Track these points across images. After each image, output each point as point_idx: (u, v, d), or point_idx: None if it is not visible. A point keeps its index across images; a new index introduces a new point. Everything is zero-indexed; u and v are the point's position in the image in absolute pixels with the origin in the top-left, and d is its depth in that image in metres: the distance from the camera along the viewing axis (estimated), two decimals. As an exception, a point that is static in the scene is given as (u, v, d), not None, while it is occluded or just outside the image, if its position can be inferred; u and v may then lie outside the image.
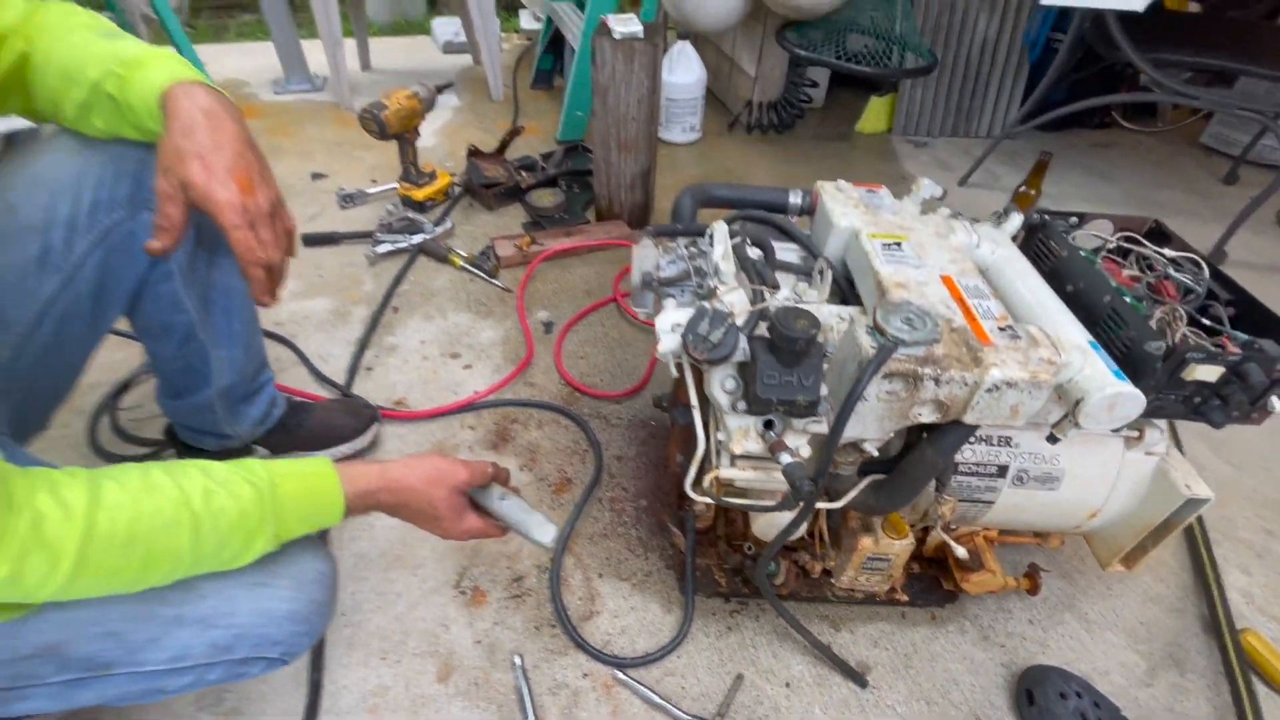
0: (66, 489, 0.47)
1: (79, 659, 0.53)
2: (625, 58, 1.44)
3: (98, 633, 0.53)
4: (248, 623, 0.57)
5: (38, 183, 0.66)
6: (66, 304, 0.69)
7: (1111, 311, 0.72)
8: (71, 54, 0.63)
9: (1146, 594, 0.97)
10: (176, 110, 0.60)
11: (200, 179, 0.58)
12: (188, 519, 0.51)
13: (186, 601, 0.56)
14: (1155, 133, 2.52)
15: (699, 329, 0.65)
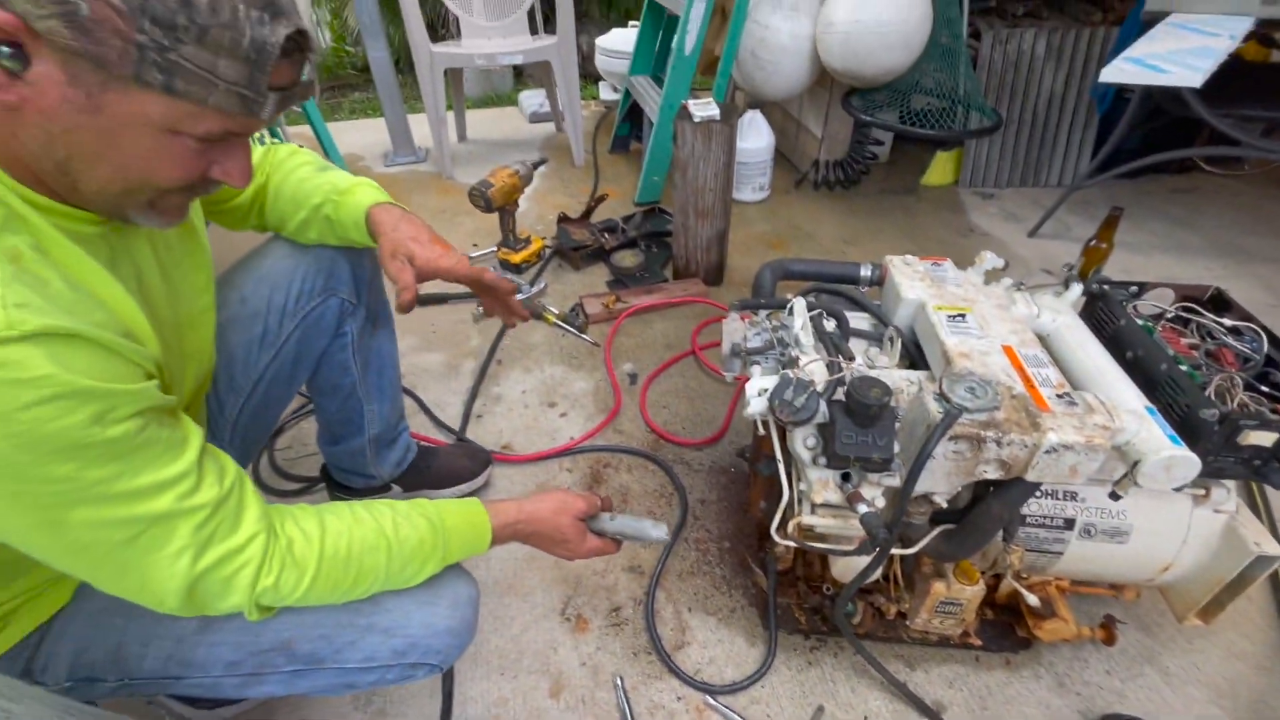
0: (304, 520, 0.63)
1: (302, 654, 0.67)
2: (704, 137, 1.60)
3: (315, 634, 0.67)
4: (417, 634, 0.69)
5: (262, 279, 0.88)
6: (275, 371, 0.90)
7: (1169, 379, 0.79)
8: (299, 186, 0.86)
9: (1231, 650, 0.98)
10: (380, 220, 0.82)
11: (420, 250, 0.81)
12: (384, 544, 0.66)
13: (375, 614, 0.69)
14: (1241, 176, 2.47)
15: (784, 395, 0.76)
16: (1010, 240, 2.11)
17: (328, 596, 0.64)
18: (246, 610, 0.59)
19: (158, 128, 0.48)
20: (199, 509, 0.53)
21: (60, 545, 0.50)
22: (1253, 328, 0.85)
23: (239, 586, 0.57)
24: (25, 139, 0.47)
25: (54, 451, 0.45)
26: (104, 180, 0.50)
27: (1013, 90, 2.30)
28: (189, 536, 0.53)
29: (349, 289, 0.93)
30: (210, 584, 0.55)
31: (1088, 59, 2.25)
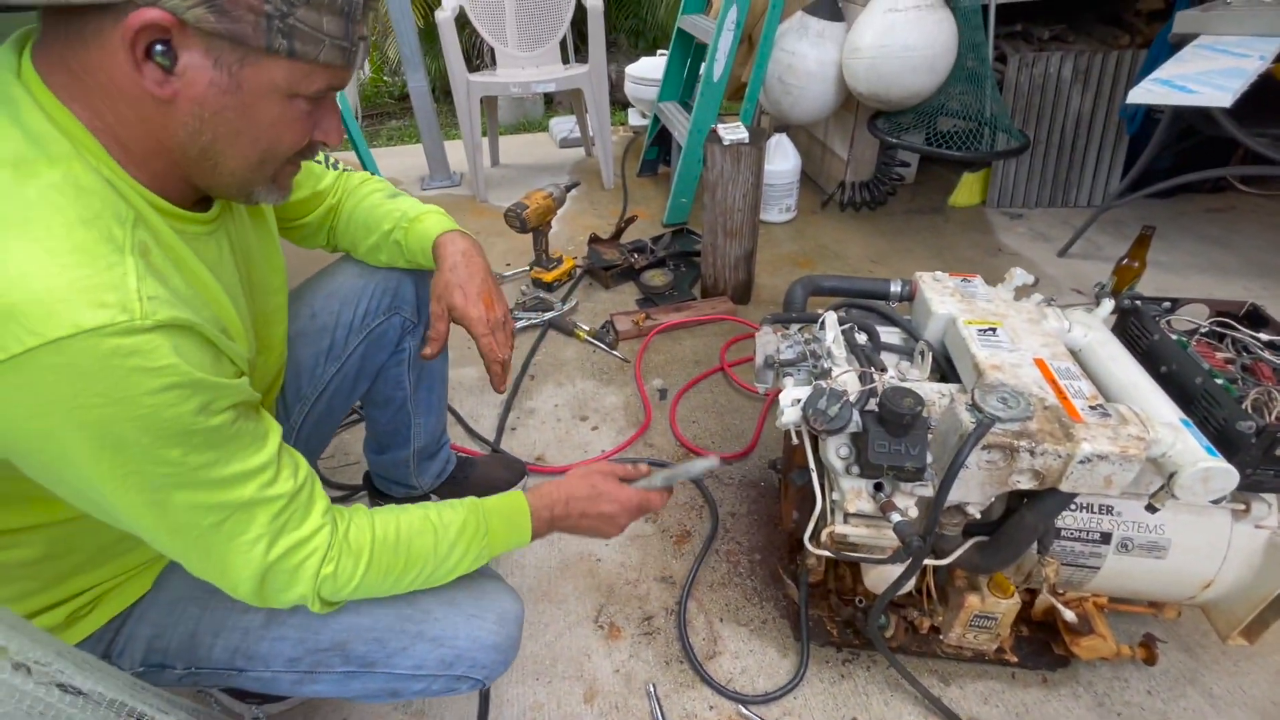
0: (356, 514, 0.67)
1: (356, 656, 0.69)
2: (733, 160, 1.65)
3: (369, 637, 0.69)
4: (465, 646, 0.71)
5: (332, 296, 0.93)
6: (339, 383, 0.95)
7: (1204, 392, 0.79)
8: (371, 212, 0.90)
9: (1279, 671, 0.96)
10: (444, 254, 0.86)
11: (460, 303, 0.83)
12: (429, 527, 0.69)
13: (425, 622, 0.71)
14: (1277, 196, 2.43)
15: (818, 404, 0.78)
16: (1040, 260, 2.11)
17: (380, 584, 0.67)
18: (310, 600, 0.62)
19: (283, 93, 0.52)
20: (276, 499, 0.57)
21: (162, 525, 0.54)
22: (1290, 342, 0.85)
23: (304, 576, 0.60)
24: (175, 129, 0.51)
25: (167, 436, 0.49)
26: (242, 156, 0.55)
27: (1040, 112, 2.31)
28: (265, 525, 0.57)
29: (411, 308, 0.97)
30: (279, 574, 0.59)
31: (1115, 81, 2.25)
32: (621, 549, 1.19)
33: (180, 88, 0.49)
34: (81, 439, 0.47)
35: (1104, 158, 2.38)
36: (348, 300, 0.92)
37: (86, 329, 0.44)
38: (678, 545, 1.20)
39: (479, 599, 0.74)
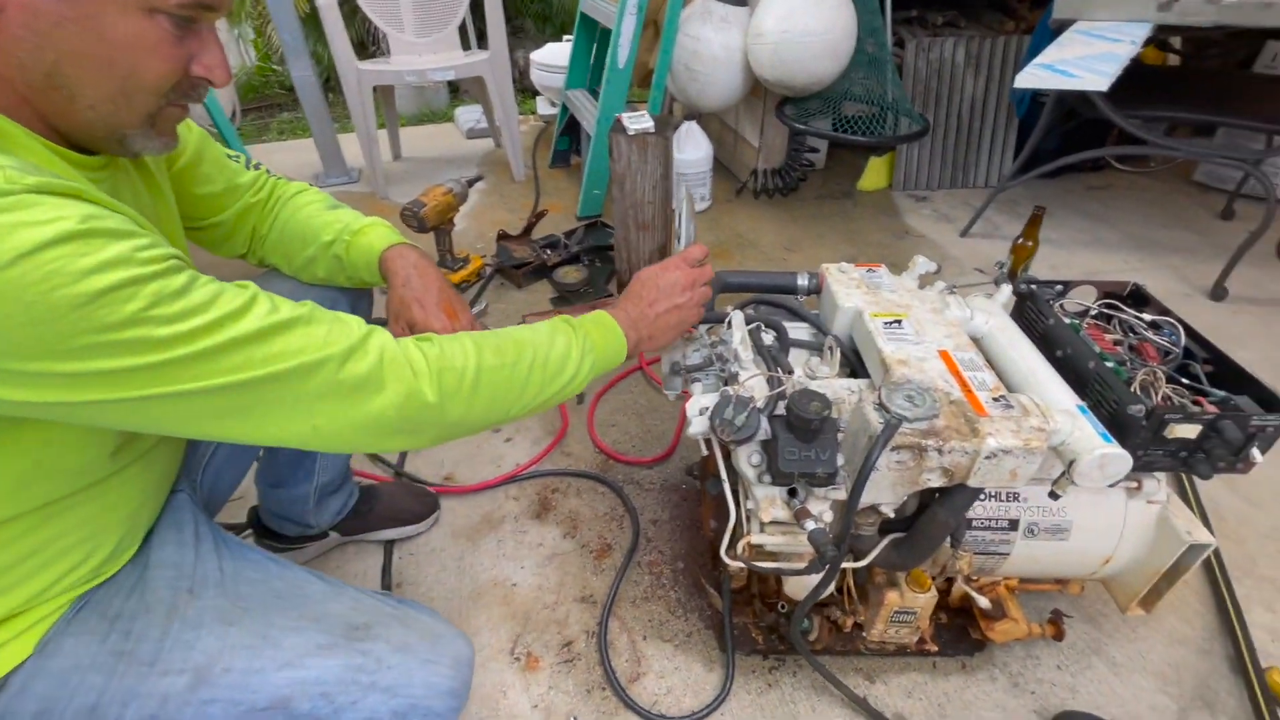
0: (432, 337, 0.63)
1: (301, 714, 0.62)
2: (639, 150, 1.59)
3: (315, 693, 0.62)
4: (420, 694, 0.65)
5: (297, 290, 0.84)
6: None
7: (1096, 376, 0.80)
8: (307, 223, 0.83)
9: (1172, 635, 1.01)
10: (394, 269, 0.81)
11: (420, 317, 0.79)
12: (514, 329, 0.68)
13: (378, 672, 0.64)
14: (1149, 172, 2.62)
15: (724, 414, 0.74)
16: (943, 241, 2.17)
17: (501, 369, 0.63)
18: (428, 380, 0.57)
19: (138, 6, 0.47)
20: (295, 320, 0.53)
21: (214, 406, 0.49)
22: (1170, 321, 0.88)
23: (397, 359, 0.57)
24: (14, 49, 0.46)
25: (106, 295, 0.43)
26: (97, 85, 0.49)
27: (937, 96, 2.38)
28: (308, 343, 0.52)
29: None
30: (363, 370, 0.55)
31: (1004, 65, 2.35)
32: (538, 571, 1.12)
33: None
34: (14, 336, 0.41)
35: (998, 140, 2.48)
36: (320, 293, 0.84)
37: None
38: (598, 560, 1.14)
39: (433, 644, 0.68)
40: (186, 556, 0.68)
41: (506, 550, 1.16)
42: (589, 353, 0.72)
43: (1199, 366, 0.82)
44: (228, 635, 0.62)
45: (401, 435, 0.59)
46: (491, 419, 0.65)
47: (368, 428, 0.56)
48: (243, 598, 0.66)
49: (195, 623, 0.63)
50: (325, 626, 0.65)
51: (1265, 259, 2.00)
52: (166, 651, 0.61)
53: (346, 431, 0.55)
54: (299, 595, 0.68)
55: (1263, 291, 1.86)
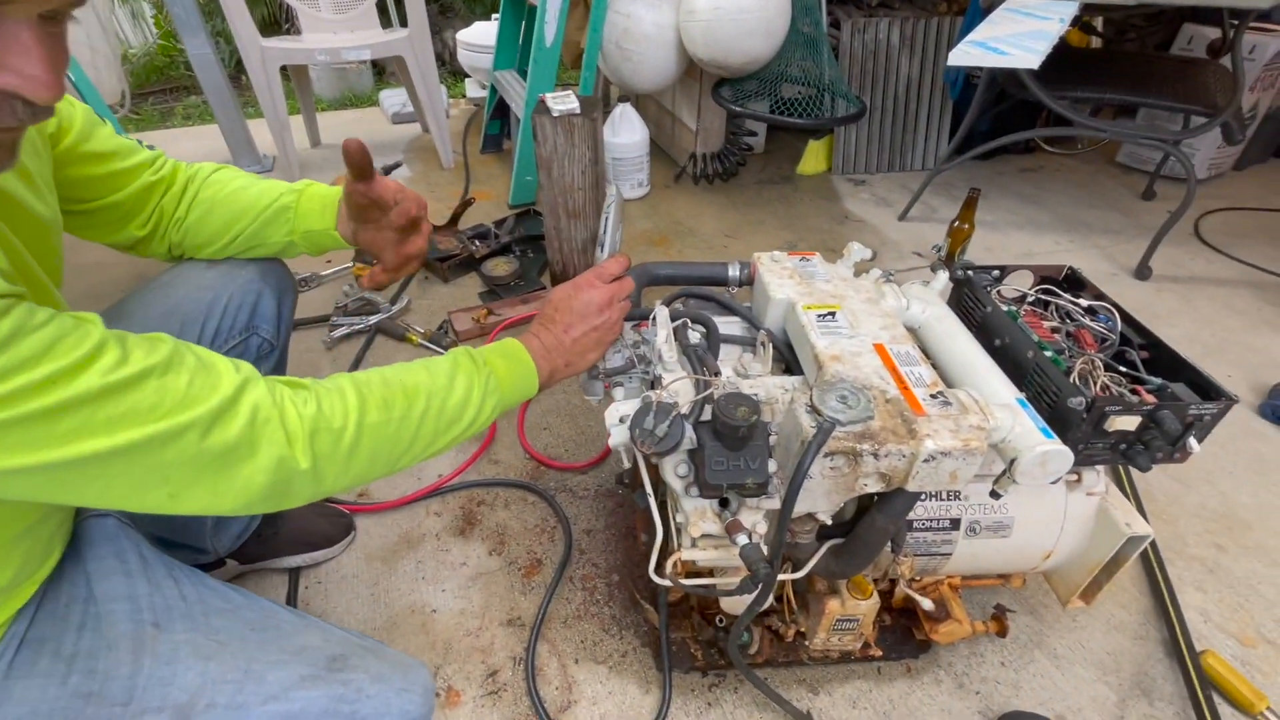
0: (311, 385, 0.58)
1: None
2: (566, 133, 1.49)
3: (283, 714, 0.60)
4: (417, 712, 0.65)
5: (171, 314, 0.77)
6: None
7: (1035, 367, 0.76)
8: (243, 193, 0.79)
9: (1110, 622, 1.00)
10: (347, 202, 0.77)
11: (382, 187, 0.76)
12: (412, 366, 0.65)
13: (359, 701, 0.62)
14: (1076, 154, 2.68)
15: (645, 424, 0.67)
16: (882, 225, 2.15)
17: (387, 425, 0.59)
18: (299, 448, 0.53)
19: None
20: (150, 370, 0.47)
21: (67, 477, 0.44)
22: (1106, 306, 0.85)
23: (270, 422, 0.52)
24: None
25: None
26: None
27: (874, 78, 2.36)
28: (160, 400, 0.46)
29: (271, 326, 0.84)
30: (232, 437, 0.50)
31: (938, 46, 2.34)
32: (461, 593, 1.03)
33: None
34: None
35: (933, 122, 2.48)
36: (192, 318, 0.77)
37: None
38: (527, 577, 1.06)
39: (405, 674, 0.67)
40: (138, 586, 0.65)
41: (426, 572, 1.06)
42: (492, 394, 0.68)
43: (1135, 353, 0.80)
44: (207, 670, 0.60)
45: (269, 501, 0.54)
46: (372, 476, 0.61)
47: (233, 495, 0.52)
48: (216, 630, 0.64)
49: (169, 658, 0.60)
50: (307, 659, 0.64)
51: (1185, 238, 2.07)
52: (140, 690, 0.58)
53: (207, 499, 0.51)
54: (273, 627, 0.67)
55: (1184, 270, 1.92)
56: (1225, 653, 0.95)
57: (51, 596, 0.62)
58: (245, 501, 0.52)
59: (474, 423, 0.67)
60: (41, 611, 0.61)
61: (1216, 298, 1.79)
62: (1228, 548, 1.11)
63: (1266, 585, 1.05)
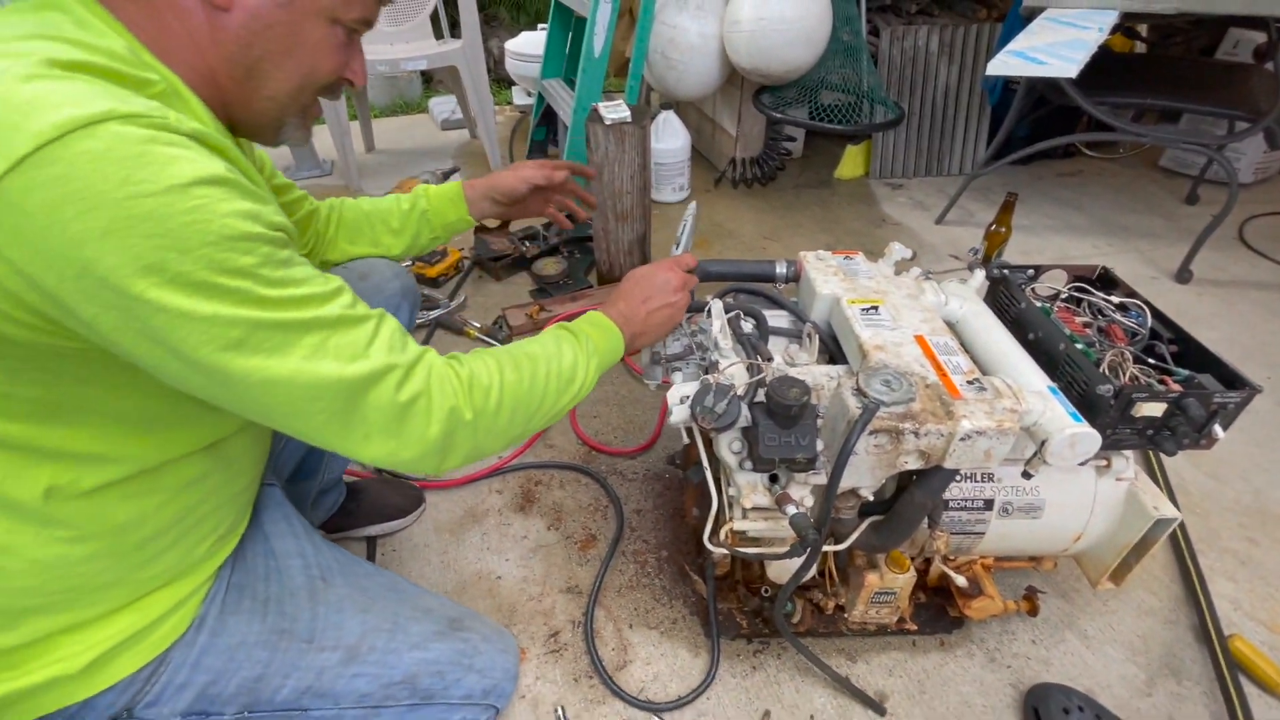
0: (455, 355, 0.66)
1: (422, 688, 0.74)
2: (617, 140, 1.58)
3: (433, 671, 0.74)
4: (499, 677, 0.79)
5: (374, 295, 0.91)
6: None
7: (1067, 358, 0.82)
8: (378, 204, 0.97)
9: (1141, 607, 1.04)
10: (472, 186, 1.00)
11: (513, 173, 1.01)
12: (522, 343, 0.72)
13: (475, 655, 0.77)
14: (1117, 159, 2.67)
15: (705, 402, 0.74)
16: (919, 229, 2.20)
17: (520, 386, 0.66)
18: (463, 406, 0.59)
19: (327, 16, 0.56)
20: (369, 316, 0.55)
21: (268, 374, 0.49)
22: (1137, 303, 0.90)
23: (447, 380, 0.59)
24: (225, 42, 0.53)
25: (228, 238, 0.45)
26: (286, 77, 0.58)
27: (912, 84, 2.40)
28: (373, 341, 0.54)
29: None
30: (419, 387, 0.56)
31: (977, 53, 2.37)
32: (523, 563, 1.12)
33: None
34: (138, 247, 0.42)
35: (970, 127, 2.51)
36: (387, 303, 0.91)
37: (121, 114, 0.42)
38: (583, 551, 1.15)
39: (502, 637, 0.83)
40: (306, 547, 0.76)
41: (491, 543, 1.16)
42: (593, 355, 0.75)
43: (1164, 347, 0.85)
44: (366, 620, 0.73)
45: (436, 455, 0.59)
46: (512, 435, 0.67)
47: (411, 444, 0.57)
48: (366, 589, 0.76)
49: (337, 606, 0.72)
50: (434, 618, 0.77)
51: (1228, 242, 2.06)
52: (320, 631, 0.70)
53: (391, 445, 0.56)
54: (403, 590, 0.80)
55: (1225, 274, 1.92)
56: (1254, 638, 0.98)
57: (242, 550, 0.73)
58: (420, 452, 0.57)
59: (584, 383, 0.73)
60: (239, 561, 0.72)
61: (1259, 301, 1.79)
62: (1260, 541, 1.14)
63: (1299, 579, 1.08)
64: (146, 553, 0.60)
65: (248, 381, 0.48)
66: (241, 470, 0.70)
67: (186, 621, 0.65)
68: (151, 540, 0.60)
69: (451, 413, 0.58)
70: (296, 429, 0.54)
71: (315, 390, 0.51)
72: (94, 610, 0.58)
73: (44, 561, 0.54)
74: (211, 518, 0.67)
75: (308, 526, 0.80)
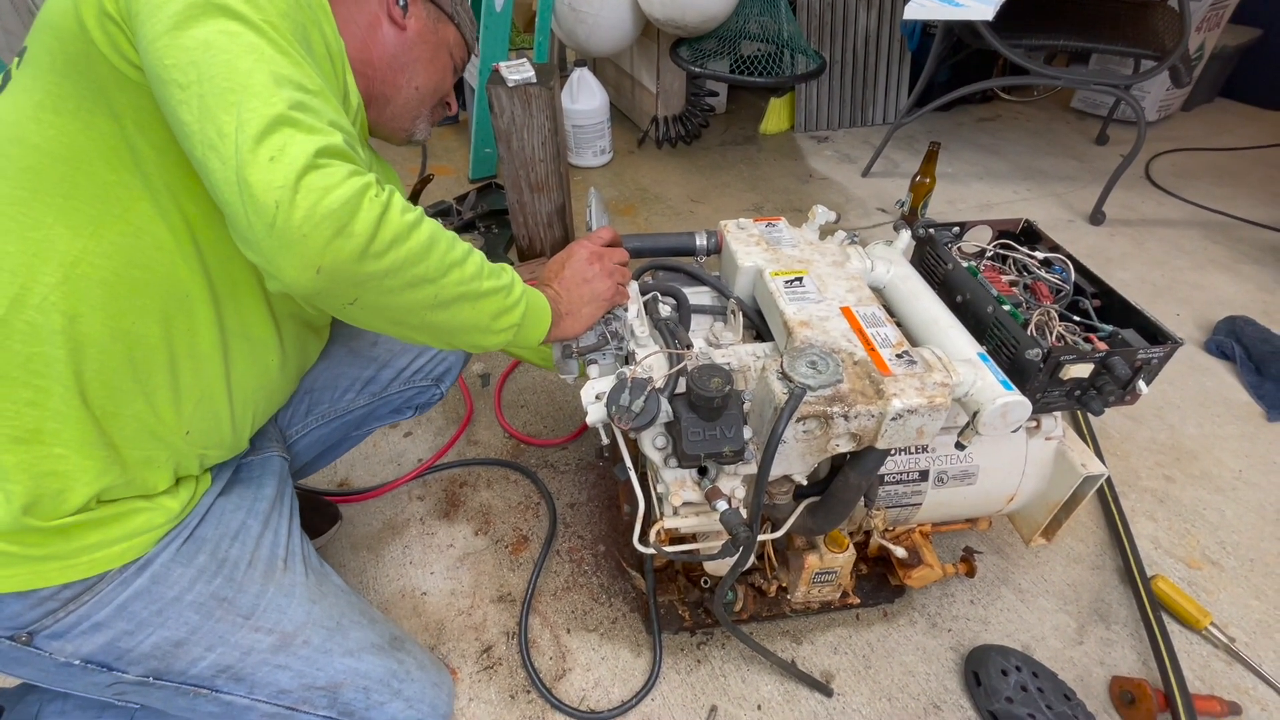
0: None
1: (343, 701, 0.71)
2: (523, 103, 1.45)
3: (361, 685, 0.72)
4: (427, 712, 0.77)
5: (381, 342, 0.93)
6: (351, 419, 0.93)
7: (995, 321, 0.79)
8: None
9: (1070, 555, 1.06)
10: None
11: None
12: None
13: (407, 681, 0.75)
14: (1032, 102, 2.71)
15: (621, 400, 0.67)
16: (846, 182, 2.16)
17: (436, 242, 0.55)
18: (364, 189, 0.48)
19: (448, 49, 0.76)
20: (325, 107, 0.50)
21: None
22: (1061, 258, 0.88)
23: (356, 168, 0.49)
24: (391, 43, 0.69)
25: None
26: (424, 80, 0.74)
27: (832, 32, 2.33)
28: (327, 120, 0.50)
29: (447, 388, 1.01)
30: (312, 142, 0.47)
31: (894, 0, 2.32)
32: (450, 574, 1.05)
33: (411, 24, 0.70)
34: None
35: (893, 75, 2.48)
36: (409, 347, 0.94)
37: None
38: (514, 554, 1.08)
39: (438, 671, 0.80)
40: (283, 526, 0.74)
41: (414, 556, 1.07)
42: (519, 283, 0.65)
43: (1089, 302, 0.83)
44: (312, 612, 0.70)
45: (318, 233, 0.46)
46: (418, 274, 0.53)
47: (306, 184, 0.45)
48: (319, 583, 0.74)
49: (288, 591, 0.69)
50: (378, 630, 0.76)
51: (1136, 181, 2.12)
52: (261, 610, 0.67)
53: (293, 169, 0.45)
54: (355, 595, 0.78)
55: (1135, 213, 1.97)
56: (1174, 576, 1.02)
57: (222, 502, 0.70)
58: (313, 199, 0.45)
59: (510, 289, 0.63)
60: (211, 513, 0.69)
61: (1166, 239, 1.85)
62: (1176, 478, 1.18)
63: (1210, 511, 1.12)
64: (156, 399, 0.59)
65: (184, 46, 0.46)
66: (260, 372, 0.69)
67: (134, 554, 0.61)
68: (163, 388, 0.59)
69: (365, 186, 0.48)
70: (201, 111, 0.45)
71: (243, 80, 0.46)
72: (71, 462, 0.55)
73: None
74: (220, 407, 0.65)
75: (295, 509, 0.78)
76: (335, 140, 0.48)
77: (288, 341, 0.72)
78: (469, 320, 0.60)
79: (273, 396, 0.75)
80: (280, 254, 0.46)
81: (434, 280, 0.55)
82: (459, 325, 0.60)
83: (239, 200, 0.45)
